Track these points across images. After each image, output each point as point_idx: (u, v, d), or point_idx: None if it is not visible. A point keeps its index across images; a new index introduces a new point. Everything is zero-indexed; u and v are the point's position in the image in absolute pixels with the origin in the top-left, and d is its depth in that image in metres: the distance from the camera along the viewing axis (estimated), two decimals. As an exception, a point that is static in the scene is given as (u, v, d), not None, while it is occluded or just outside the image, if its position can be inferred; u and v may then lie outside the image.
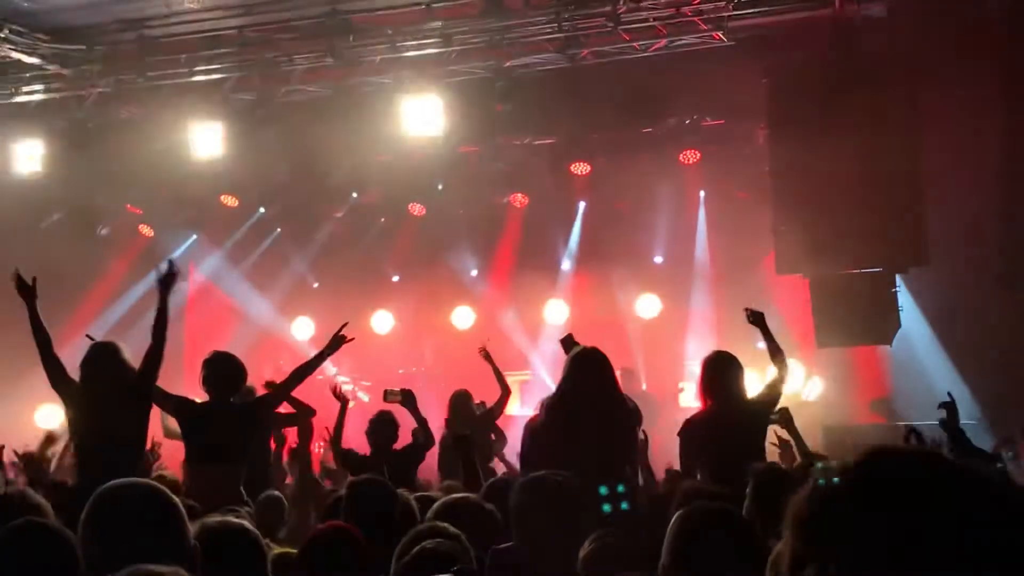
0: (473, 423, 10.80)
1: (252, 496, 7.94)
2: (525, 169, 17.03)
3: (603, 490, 5.52)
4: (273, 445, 10.27)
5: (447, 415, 11.51)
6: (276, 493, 8.31)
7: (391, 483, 6.64)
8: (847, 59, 12.50)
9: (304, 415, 9.54)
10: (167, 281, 8.03)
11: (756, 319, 8.57)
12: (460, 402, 11.64)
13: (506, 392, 11.29)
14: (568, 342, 7.35)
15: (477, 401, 11.90)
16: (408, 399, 9.49)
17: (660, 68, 13.65)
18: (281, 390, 8.67)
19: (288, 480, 10.65)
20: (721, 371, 7.98)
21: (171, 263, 8.13)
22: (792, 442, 8.52)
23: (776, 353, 8.36)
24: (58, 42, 13.64)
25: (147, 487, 3.29)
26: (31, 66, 14.03)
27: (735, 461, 7.36)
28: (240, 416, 8.33)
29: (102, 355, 7.94)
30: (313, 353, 9.04)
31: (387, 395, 9.59)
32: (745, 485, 6.44)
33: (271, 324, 18.54)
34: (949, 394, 7.29)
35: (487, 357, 11.31)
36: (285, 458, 10.85)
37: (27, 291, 7.99)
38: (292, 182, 17.73)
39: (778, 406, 8.35)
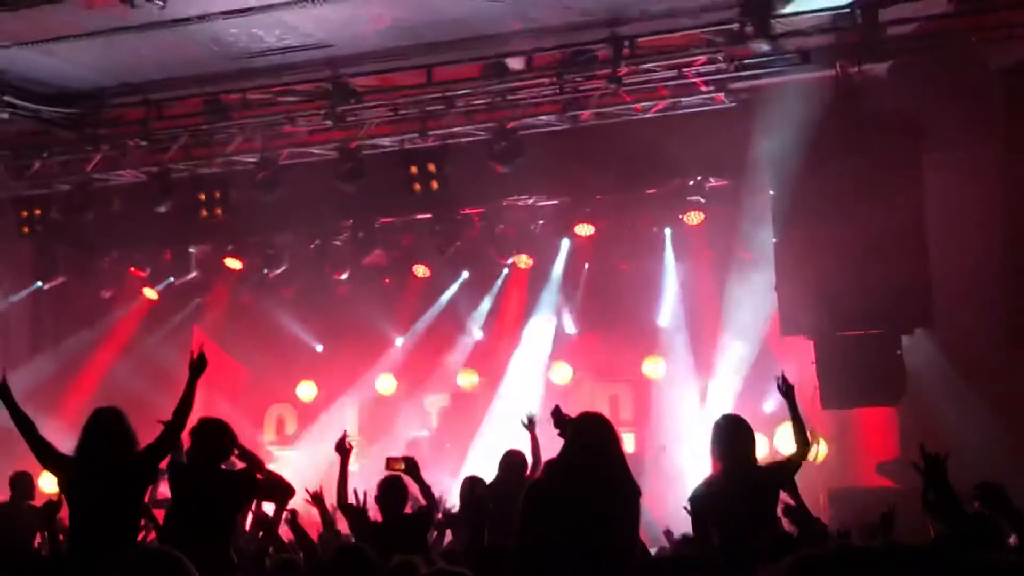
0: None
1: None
2: (528, 230, 17.03)
3: None
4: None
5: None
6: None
7: (403, 548, 6.56)
8: (849, 119, 12.51)
9: (284, 494, 9.11)
10: (198, 367, 7.98)
11: (787, 392, 8.41)
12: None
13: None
14: (558, 415, 7.25)
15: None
16: (411, 467, 9.35)
17: (663, 129, 13.69)
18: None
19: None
20: (732, 435, 7.89)
21: (202, 351, 8.05)
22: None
23: (800, 429, 8.21)
24: (63, 106, 13.71)
25: (171, 556, 3.29)
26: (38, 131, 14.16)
27: (746, 527, 7.28)
28: (229, 484, 8.23)
29: (104, 424, 7.85)
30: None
31: (389, 463, 9.44)
32: (754, 551, 6.36)
33: (274, 386, 18.45)
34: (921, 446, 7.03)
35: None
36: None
37: (0, 391, 7.87)
38: (296, 244, 17.78)
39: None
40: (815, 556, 2.01)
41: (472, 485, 10.42)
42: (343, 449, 9.21)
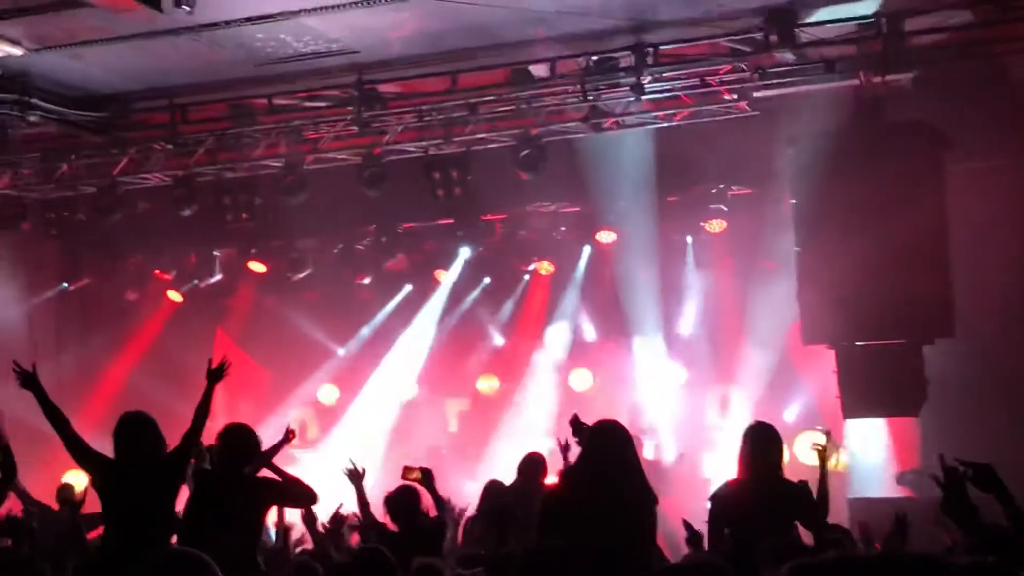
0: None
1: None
2: (550, 237, 17.08)
3: None
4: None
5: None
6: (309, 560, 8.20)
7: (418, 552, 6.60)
8: (872, 129, 12.52)
9: (307, 499, 9.03)
10: (216, 375, 8.05)
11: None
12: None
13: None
14: (576, 423, 7.27)
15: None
16: (426, 478, 9.36)
17: (686, 137, 13.72)
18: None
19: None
20: (760, 444, 7.87)
21: (223, 361, 8.13)
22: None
23: (821, 491, 8.13)
24: (90, 109, 13.82)
25: (198, 558, 3.33)
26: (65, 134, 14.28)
27: (761, 533, 7.28)
28: (254, 489, 8.28)
29: (135, 427, 7.92)
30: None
31: (406, 472, 9.45)
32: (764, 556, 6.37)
33: (297, 390, 18.53)
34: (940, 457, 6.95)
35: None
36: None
37: (31, 383, 7.92)
38: (319, 249, 17.89)
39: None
40: (812, 563, 2.05)
41: (492, 489, 10.46)
42: (356, 477, 9.04)
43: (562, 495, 6.65)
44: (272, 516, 9.22)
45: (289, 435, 9.29)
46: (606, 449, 6.69)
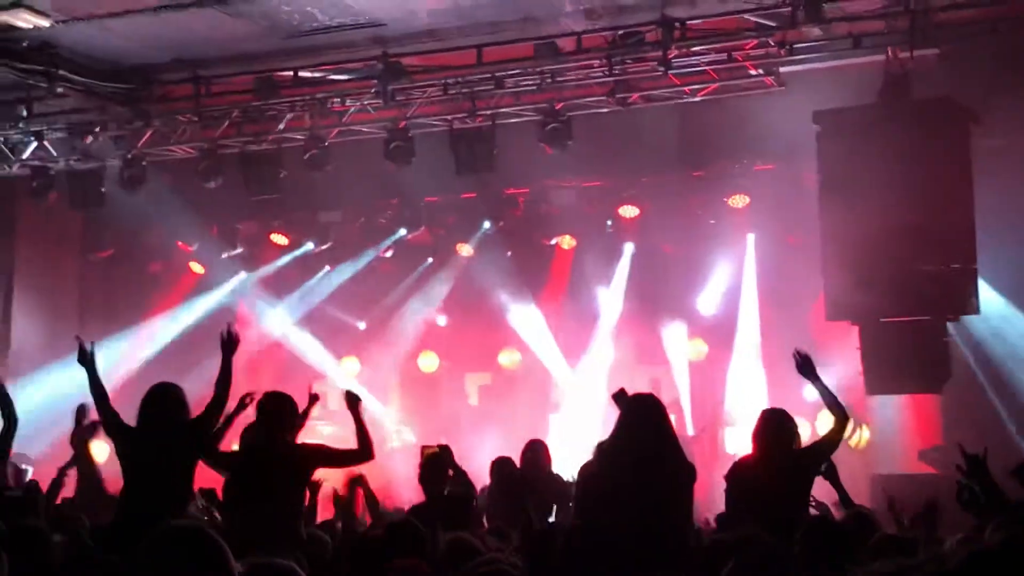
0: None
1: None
2: (573, 211, 17.07)
3: None
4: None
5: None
6: (319, 533, 8.25)
7: (445, 526, 6.63)
8: (898, 104, 12.47)
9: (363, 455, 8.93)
10: (230, 346, 8.11)
11: (805, 368, 8.26)
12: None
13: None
14: (621, 398, 7.28)
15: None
16: (445, 454, 9.43)
17: (711, 111, 13.69)
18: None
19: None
20: (773, 425, 7.93)
21: (230, 327, 8.18)
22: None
23: (831, 403, 8.16)
24: (116, 81, 13.86)
25: (196, 529, 3.32)
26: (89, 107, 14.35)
27: (777, 509, 7.33)
28: (296, 457, 8.30)
29: (159, 396, 8.00)
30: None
31: (423, 452, 9.54)
32: (788, 531, 6.40)
33: (318, 362, 18.57)
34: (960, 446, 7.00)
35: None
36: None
37: (88, 360, 8.13)
38: (342, 221, 17.93)
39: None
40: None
41: (501, 465, 10.44)
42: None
43: (598, 467, 6.65)
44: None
45: (314, 398, 9.21)
46: (640, 420, 6.70)
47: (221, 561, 3.21)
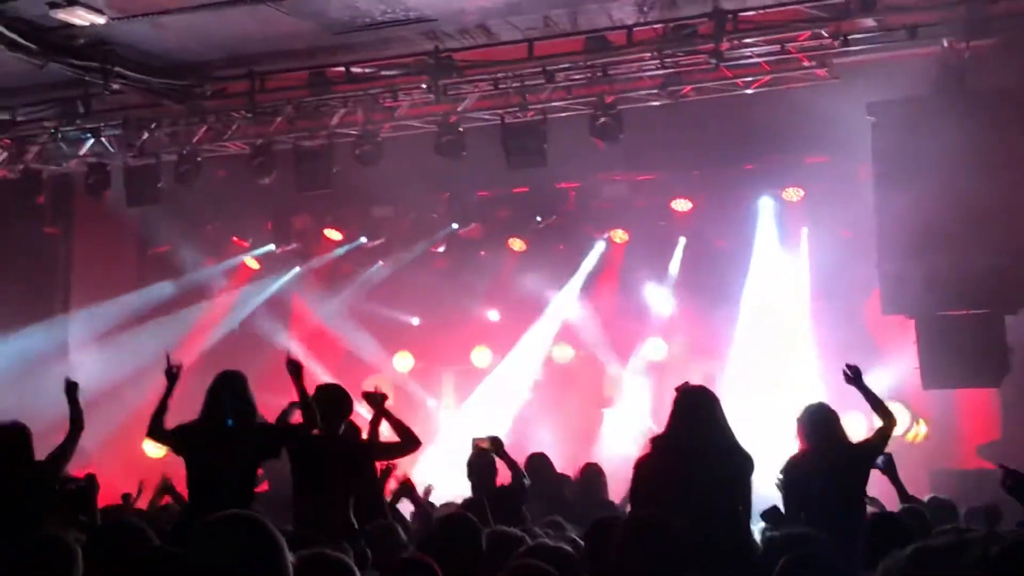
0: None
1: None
2: (624, 205, 17.03)
3: None
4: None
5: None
6: (388, 521, 8.29)
7: (494, 521, 6.64)
8: (954, 96, 12.32)
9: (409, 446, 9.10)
10: (296, 371, 8.07)
11: (853, 378, 8.27)
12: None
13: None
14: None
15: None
16: (497, 446, 9.42)
17: (763, 104, 13.58)
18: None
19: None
20: (816, 419, 7.88)
21: (290, 356, 8.24)
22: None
23: (878, 409, 8.13)
24: (171, 78, 13.99)
25: (252, 519, 3.33)
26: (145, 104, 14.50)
27: (833, 504, 7.28)
28: (350, 450, 8.36)
29: (227, 387, 8.04)
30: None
31: (475, 444, 9.52)
32: (843, 526, 6.35)
33: (371, 356, 18.66)
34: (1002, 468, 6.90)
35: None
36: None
37: (172, 376, 8.26)
38: (394, 216, 17.99)
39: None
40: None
41: (540, 461, 10.42)
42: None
43: (654, 458, 6.64)
44: None
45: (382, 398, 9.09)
46: (693, 411, 6.68)
47: (275, 551, 3.22)
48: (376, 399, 8.67)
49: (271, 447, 8.10)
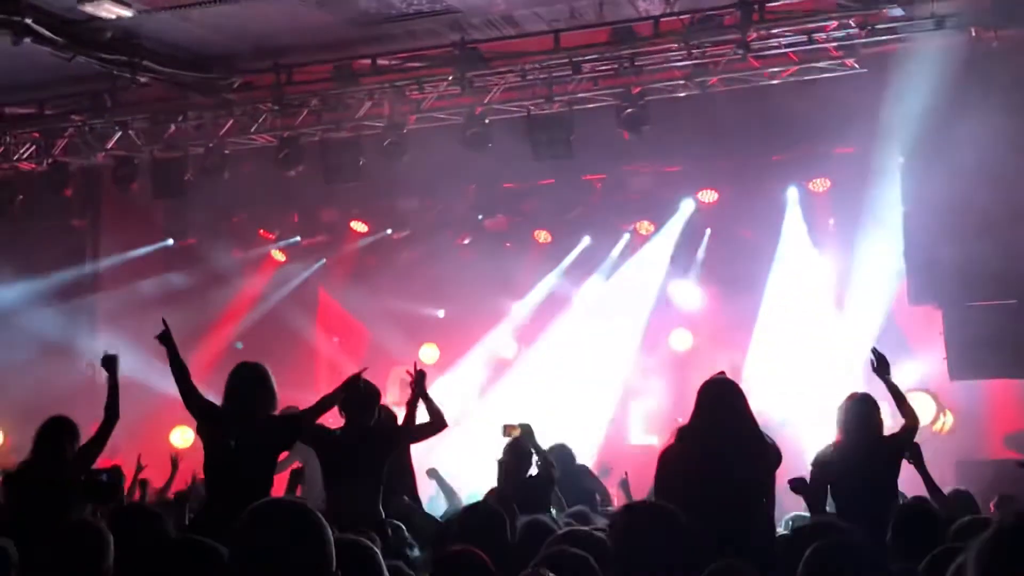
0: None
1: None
2: (650, 196, 17.00)
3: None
4: None
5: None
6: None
7: (522, 509, 6.65)
8: (983, 85, 12.23)
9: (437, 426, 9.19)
10: (351, 387, 8.27)
11: (880, 367, 8.26)
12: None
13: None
14: None
15: None
16: (527, 433, 9.43)
17: (791, 94, 13.53)
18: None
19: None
20: (855, 410, 7.89)
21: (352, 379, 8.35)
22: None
23: (901, 405, 8.13)
24: (197, 70, 14.05)
25: (299, 506, 3.35)
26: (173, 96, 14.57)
27: (865, 496, 7.27)
28: (376, 438, 8.41)
29: (249, 378, 8.08)
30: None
31: (506, 430, 9.51)
32: (874, 519, 6.34)
33: (398, 349, 18.69)
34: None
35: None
36: None
37: (166, 339, 8.24)
38: (420, 208, 18.02)
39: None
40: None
41: (562, 451, 10.48)
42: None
43: (678, 449, 6.64)
44: None
45: (421, 375, 9.11)
46: (717, 401, 6.67)
47: (321, 538, 3.24)
48: (420, 377, 8.81)
49: (286, 437, 8.15)
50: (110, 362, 8.69)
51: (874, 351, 8.30)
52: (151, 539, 5.16)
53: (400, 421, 9.01)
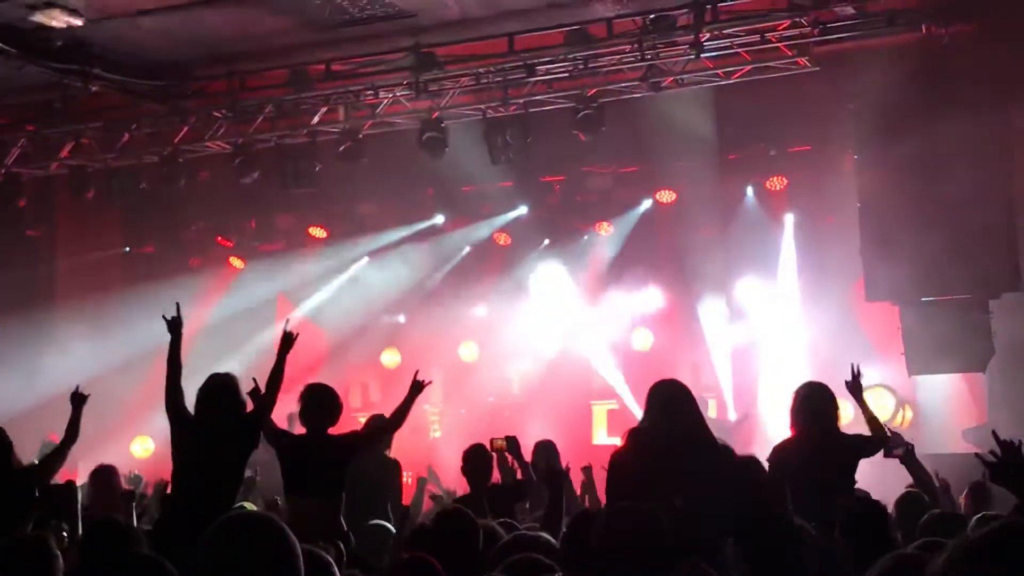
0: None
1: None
2: (609, 197, 17.04)
3: None
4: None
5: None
6: (381, 523, 8.30)
7: (490, 516, 6.62)
8: (935, 81, 12.33)
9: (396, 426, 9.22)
10: (288, 341, 8.26)
11: (853, 387, 8.22)
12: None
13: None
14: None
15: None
16: (512, 446, 9.42)
17: (745, 94, 13.59)
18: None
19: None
20: (810, 402, 7.87)
21: (289, 333, 8.32)
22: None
23: (871, 424, 8.11)
24: (150, 78, 13.95)
25: (265, 518, 3.32)
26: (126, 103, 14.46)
27: (821, 491, 7.26)
28: (337, 448, 8.37)
29: (217, 389, 8.04)
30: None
31: (493, 443, 9.53)
32: (822, 518, 6.34)
33: (358, 355, 18.62)
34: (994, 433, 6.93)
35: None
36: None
37: (175, 328, 8.21)
38: (379, 213, 17.97)
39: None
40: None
41: (546, 450, 10.45)
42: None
43: (628, 452, 6.62)
44: None
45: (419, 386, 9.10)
46: (666, 403, 6.65)
47: (289, 551, 3.20)
48: (416, 385, 8.93)
49: (250, 439, 8.11)
50: (78, 400, 8.66)
51: (854, 370, 8.27)
52: (117, 557, 5.10)
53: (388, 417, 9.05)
